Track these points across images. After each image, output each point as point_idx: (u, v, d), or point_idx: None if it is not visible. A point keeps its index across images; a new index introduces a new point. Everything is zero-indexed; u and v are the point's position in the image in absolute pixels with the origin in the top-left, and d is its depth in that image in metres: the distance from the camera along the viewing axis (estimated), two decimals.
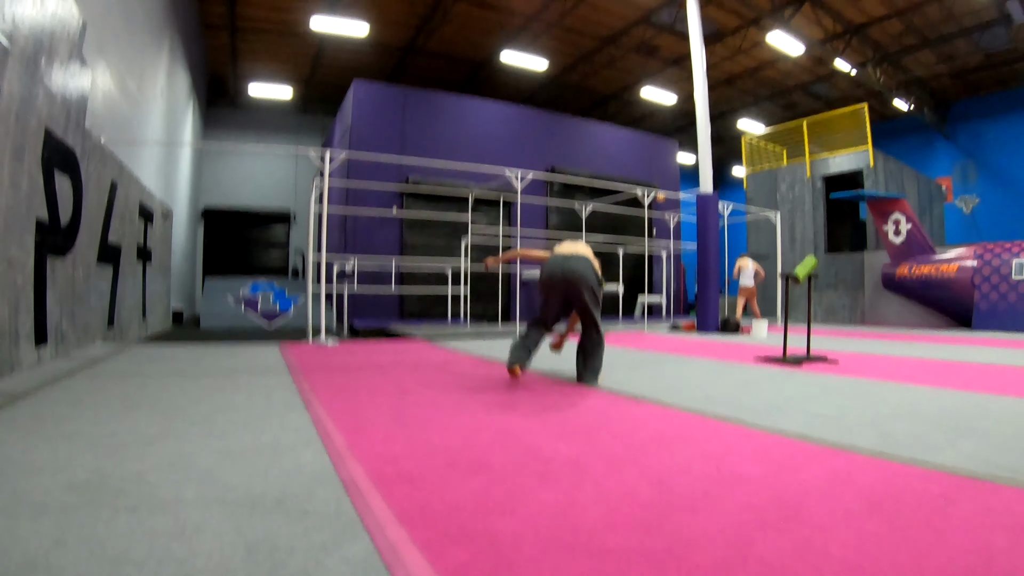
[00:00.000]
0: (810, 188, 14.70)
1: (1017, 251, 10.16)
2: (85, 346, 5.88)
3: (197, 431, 2.64)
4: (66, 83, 5.10)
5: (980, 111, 18.87)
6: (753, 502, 1.79)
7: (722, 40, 15.50)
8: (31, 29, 4.29)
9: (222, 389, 3.83)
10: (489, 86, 18.50)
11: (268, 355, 5.95)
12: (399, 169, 12.51)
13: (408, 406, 3.32)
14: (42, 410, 3.04)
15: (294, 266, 19.78)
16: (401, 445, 2.45)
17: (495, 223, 13.47)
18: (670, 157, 18.00)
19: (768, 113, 21.07)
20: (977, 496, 1.84)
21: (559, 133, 15.38)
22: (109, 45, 6.75)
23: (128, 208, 7.47)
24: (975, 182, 18.96)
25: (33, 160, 4.40)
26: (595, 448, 2.43)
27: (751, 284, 11.24)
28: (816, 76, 18.13)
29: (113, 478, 1.95)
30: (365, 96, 13.04)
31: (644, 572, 1.33)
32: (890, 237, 11.98)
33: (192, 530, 1.53)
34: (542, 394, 3.78)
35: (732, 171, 26.28)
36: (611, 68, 17.53)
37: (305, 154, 8.26)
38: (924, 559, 1.38)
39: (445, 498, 1.82)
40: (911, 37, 15.08)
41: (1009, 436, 2.60)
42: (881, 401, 3.55)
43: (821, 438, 2.59)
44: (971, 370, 5.03)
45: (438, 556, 1.41)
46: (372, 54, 16.52)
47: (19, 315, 4.22)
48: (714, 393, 3.84)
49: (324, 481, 1.97)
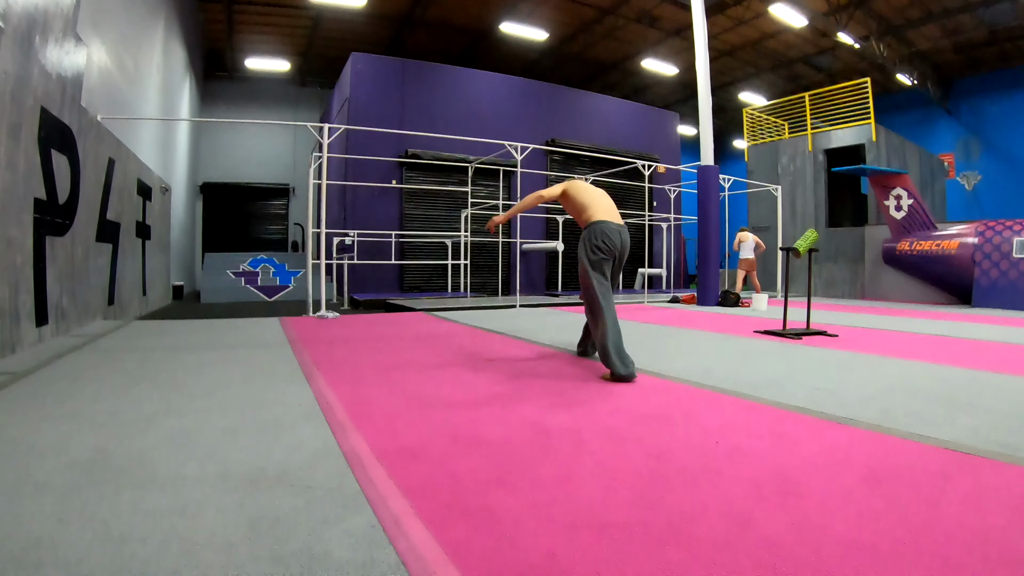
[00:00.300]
0: (811, 161, 14.58)
1: (1018, 229, 10.11)
2: (86, 324, 5.88)
3: (198, 407, 2.65)
4: (61, 60, 5.03)
5: (983, 87, 18.64)
6: (753, 476, 1.80)
7: (724, 11, 15.24)
8: (24, 6, 4.22)
9: (223, 364, 3.84)
10: (488, 57, 18.25)
11: (269, 329, 5.96)
12: (398, 141, 12.41)
13: (409, 379, 3.33)
14: (43, 389, 3.05)
15: (294, 240, 19.74)
16: (403, 419, 2.46)
17: (495, 195, 13.41)
18: (671, 129, 17.84)
19: (770, 85, 20.82)
20: (975, 472, 1.85)
21: (559, 104, 15.22)
22: (104, 21, 6.64)
23: (126, 185, 7.42)
24: (977, 158, 18.81)
25: (30, 139, 4.36)
26: (595, 422, 2.44)
27: (751, 256, 11.21)
28: (819, 48, 17.87)
29: (115, 456, 1.96)
30: (363, 68, 12.88)
31: (644, 546, 1.34)
32: (891, 212, 11.92)
33: (195, 507, 1.54)
34: (543, 368, 3.79)
35: (733, 143, 26.07)
36: (611, 39, 17.27)
37: (303, 127, 8.18)
38: (922, 534, 1.40)
39: (447, 471, 1.83)
40: (916, 10, 14.83)
41: (1007, 413, 2.61)
42: (880, 376, 3.56)
43: (821, 412, 2.60)
44: (970, 347, 5.04)
45: (440, 529, 1.42)
46: (370, 25, 16.26)
47: (19, 294, 4.22)
48: (714, 366, 3.85)
49: (326, 455, 1.98)
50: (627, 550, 1.32)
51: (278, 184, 19.85)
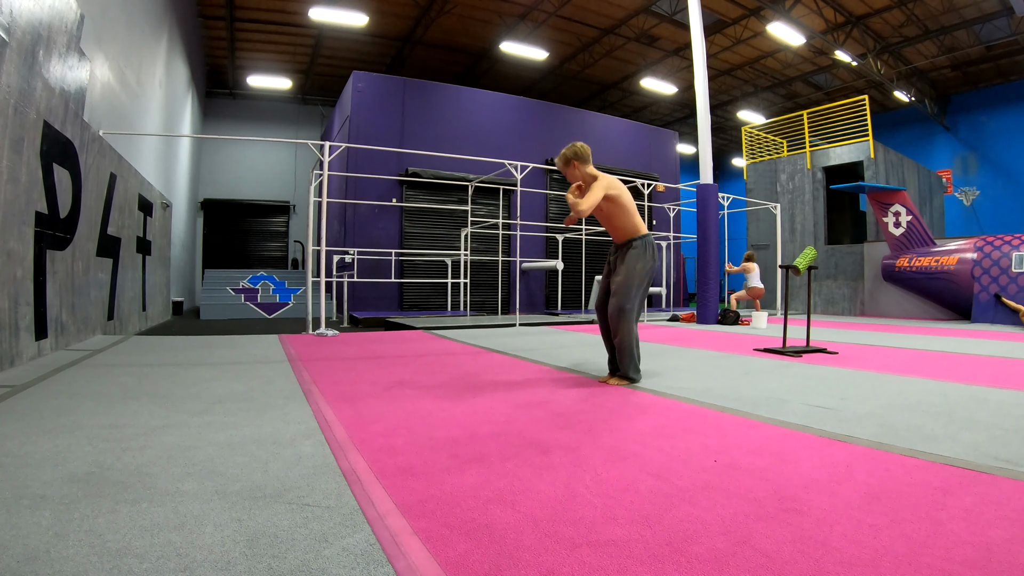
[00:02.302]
0: (810, 179, 14.66)
1: (1017, 244, 10.15)
2: (85, 338, 5.88)
3: (197, 423, 2.64)
4: (64, 75, 5.08)
5: (981, 103, 18.81)
6: (753, 494, 1.80)
7: (723, 30, 15.44)
8: (29, 21, 4.27)
9: (222, 380, 3.83)
10: (488, 77, 18.43)
11: (268, 346, 5.95)
12: (399, 160, 12.48)
13: (408, 397, 3.32)
14: (42, 402, 3.04)
15: (294, 257, 19.78)
16: (402, 436, 2.46)
17: (495, 213, 13.46)
18: (670, 147, 17.96)
19: (768, 103, 21.00)
20: (976, 488, 1.85)
21: (559, 123, 15.33)
22: (107, 37, 6.72)
23: (127, 200, 7.46)
24: (975, 174, 18.92)
25: (32, 152, 4.39)
26: (595, 440, 2.43)
27: (760, 285, 11.10)
28: (817, 66, 18.06)
29: (113, 470, 1.95)
30: (364, 87, 12.99)
31: (644, 564, 1.33)
32: (890, 229, 11.97)
33: (193, 522, 1.54)
34: (542, 388, 3.79)
35: (732, 162, 26.23)
36: (611, 58, 17.45)
37: (304, 145, 8.23)
38: (923, 551, 1.39)
39: (446, 489, 1.83)
40: (912, 28, 15.01)
41: (1008, 428, 2.61)
42: (880, 393, 3.55)
43: (821, 429, 2.60)
44: (970, 362, 5.03)
45: (439, 547, 1.41)
46: (371, 44, 16.45)
47: (19, 308, 4.22)
48: (714, 384, 3.84)
49: (325, 472, 1.97)
50: (627, 567, 1.31)
51: (278, 201, 19.95)
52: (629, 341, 3.66)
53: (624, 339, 3.69)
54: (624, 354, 3.65)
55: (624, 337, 3.70)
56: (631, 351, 3.64)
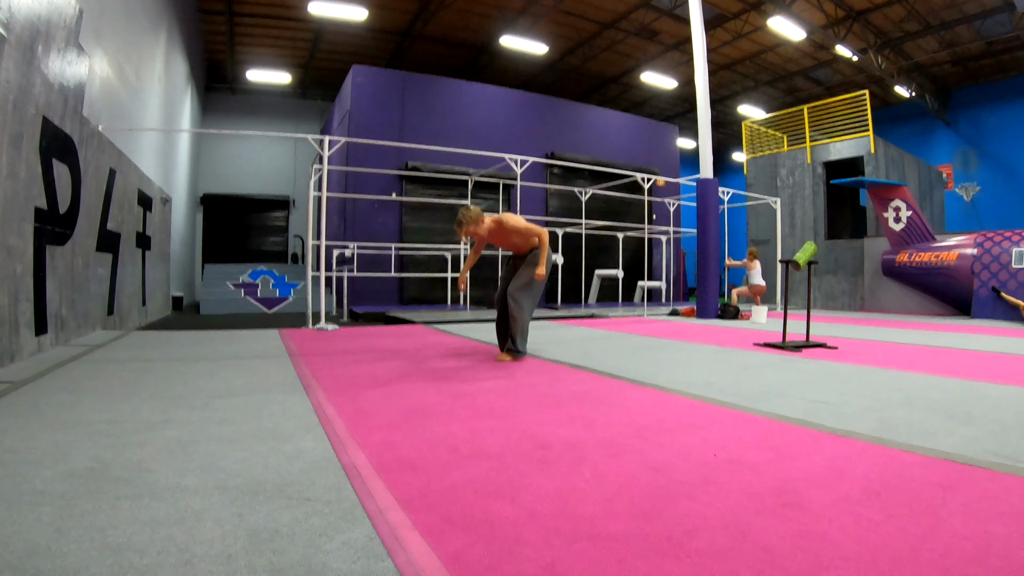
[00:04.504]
0: (810, 174, 14.63)
1: (1017, 239, 10.14)
2: (85, 334, 5.88)
3: (197, 417, 2.64)
4: (63, 70, 5.06)
5: (981, 98, 18.74)
6: (752, 488, 1.80)
7: (723, 24, 15.37)
8: (27, 16, 4.25)
9: (222, 375, 3.83)
10: (488, 71, 18.37)
11: (268, 341, 5.96)
12: (398, 154, 12.46)
13: (408, 391, 3.33)
14: (42, 398, 3.05)
15: (293, 252, 19.77)
16: (401, 431, 2.46)
17: (495, 208, 13.45)
18: (670, 142, 17.93)
19: (769, 98, 20.95)
20: (975, 483, 1.85)
21: (559, 117, 15.31)
22: (106, 32, 6.69)
23: (127, 195, 7.44)
24: (976, 170, 18.88)
25: (31, 148, 4.38)
26: (594, 434, 2.44)
27: (762, 283, 11.08)
28: (817, 61, 18.00)
29: (114, 466, 1.95)
30: (364, 81, 12.96)
31: (643, 558, 1.33)
32: (890, 224, 11.96)
33: (193, 517, 1.54)
34: (542, 382, 3.79)
35: (732, 156, 26.18)
36: (611, 52, 17.39)
37: (304, 139, 8.21)
38: (922, 546, 1.39)
39: (445, 483, 1.83)
40: (913, 23, 14.95)
41: (1007, 424, 2.61)
42: (880, 388, 3.55)
43: (820, 424, 2.60)
44: (970, 358, 5.04)
45: (438, 541, 1.41)
46: (370, 39, 16.38)
47: (19, 303, 4.22)
48: (714, 379, 3.84)
49: (325, 467, 1.97)
50: (626, 561, 1.31)
51: (278, 196, 19.91)
52: (526, 327, 4.75)
53: (523, 325, 4.71)
54: (521, 338, 4.70)
55: (524, 324, 4.72)
56: (525, 335, 4.74)
